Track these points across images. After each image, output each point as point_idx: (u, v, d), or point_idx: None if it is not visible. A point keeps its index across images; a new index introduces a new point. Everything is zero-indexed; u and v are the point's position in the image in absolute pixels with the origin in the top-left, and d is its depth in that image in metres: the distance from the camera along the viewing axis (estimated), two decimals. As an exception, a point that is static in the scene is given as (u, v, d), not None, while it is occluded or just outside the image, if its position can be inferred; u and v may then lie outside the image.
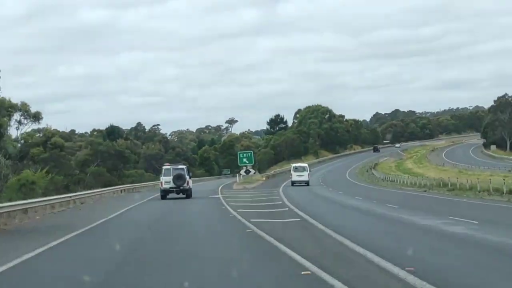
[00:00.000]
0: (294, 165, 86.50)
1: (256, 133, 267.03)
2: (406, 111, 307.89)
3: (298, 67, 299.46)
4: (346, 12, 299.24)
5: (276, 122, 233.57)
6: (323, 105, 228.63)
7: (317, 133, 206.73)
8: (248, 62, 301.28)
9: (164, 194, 50.03)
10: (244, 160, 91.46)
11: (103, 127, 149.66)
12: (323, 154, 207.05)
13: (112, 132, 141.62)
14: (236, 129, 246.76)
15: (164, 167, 52.24)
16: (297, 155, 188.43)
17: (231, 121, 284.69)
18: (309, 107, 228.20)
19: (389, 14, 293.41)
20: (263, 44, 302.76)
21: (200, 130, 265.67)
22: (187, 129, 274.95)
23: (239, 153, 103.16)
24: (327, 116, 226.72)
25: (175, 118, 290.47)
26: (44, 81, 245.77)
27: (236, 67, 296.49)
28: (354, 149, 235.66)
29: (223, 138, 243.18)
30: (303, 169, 79.76)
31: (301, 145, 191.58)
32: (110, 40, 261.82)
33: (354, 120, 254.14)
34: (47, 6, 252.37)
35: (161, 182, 50.80)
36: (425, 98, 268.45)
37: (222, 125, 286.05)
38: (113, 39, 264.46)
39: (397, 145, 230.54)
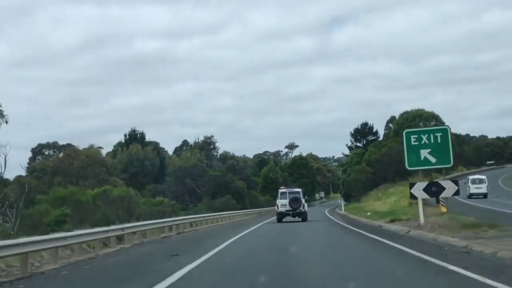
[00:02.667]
0: (471, 177, 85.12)
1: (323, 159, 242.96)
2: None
3: (353, 95, 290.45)
4: (402, 39, 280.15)
5: (363, 133, 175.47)
6: (426, 109, 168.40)
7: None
8: (302, 91, 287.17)
9: (280, 217, 51.58)
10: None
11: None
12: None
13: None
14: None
15: (280, 190, 54.47)
16: (403, 174, 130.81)
17: (291, 146, 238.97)
18: (407, 112, 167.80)
19: (445, 40, 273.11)
20: (318, 72, 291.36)
21: (257, 156, 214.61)
22: (244, 154, 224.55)
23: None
24: (432, 123, 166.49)
25: (230, 148, 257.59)
26: (99, 112, 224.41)
27: (291, 96, 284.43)
28: (461, 170, 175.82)
29: (290, 157, 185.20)
30: (481, 181, 79.51)
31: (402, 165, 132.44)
32: (164, 70, 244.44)
33: (455, 135, 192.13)
34: (101, 37, 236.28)
35: (277, 205, 52.63)
36: (484, 125, 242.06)
37: (281, 150, 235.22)
38: (167, 69, 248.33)
39: None
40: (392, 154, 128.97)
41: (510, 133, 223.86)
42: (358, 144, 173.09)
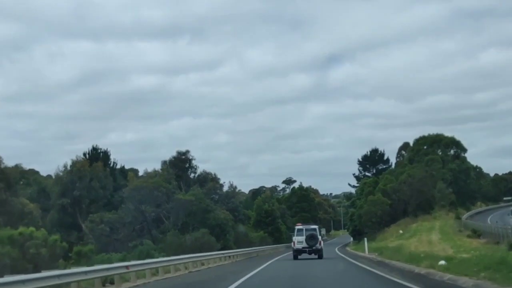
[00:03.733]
0: None
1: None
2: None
3: (349, 133, 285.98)
4: (398, 78, 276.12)
5: (373, 160, 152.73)
6: (445, 134, 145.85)
7: (444, 175, 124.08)
8: (299, 128, 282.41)
9: (297, 254, 51.63)
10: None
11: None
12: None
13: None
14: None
15: (296, 227, 54.50)
16: (425, 207, 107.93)
17: (289, 181, 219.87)
18: (424, 137, 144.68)
19: (441, 79, 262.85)
20: (314, 110, 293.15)
21: (253, 191, 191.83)
22: (239, 189, 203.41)
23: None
24: (452, 151, 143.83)
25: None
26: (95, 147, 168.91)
27: (287, 133, 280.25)
28: (480, 206, 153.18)
29: (288, 192, 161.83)
30: None
31: (431, 190, 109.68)
32: (160, 106, 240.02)
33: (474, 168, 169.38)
34: (97, 72, 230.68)
35: (294, 242, 52.57)
36: (482, 164, 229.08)
37: (278, 186, 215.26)
38: (164, 105, 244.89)
39: None
40: (413, 182, 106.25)
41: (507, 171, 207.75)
42: (367, 174, 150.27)
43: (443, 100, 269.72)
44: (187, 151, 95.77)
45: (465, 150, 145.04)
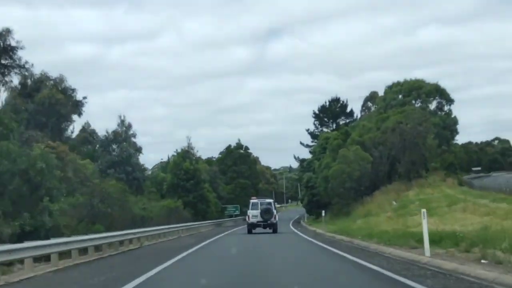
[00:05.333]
0: None
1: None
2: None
3: (287, 108, 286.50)
4: (338, 53, 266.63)
5: (333, 113, 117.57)
6: (427, 80, 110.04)
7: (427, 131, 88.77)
8: (238, 102, 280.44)
9: (251, 228, 50.71)
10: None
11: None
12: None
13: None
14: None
15: (251, 201, 53.24)
16: (419, 169, 74.04)
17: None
18: (399, 84, 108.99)
19: (381, 56, 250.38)
20: (253, 84, 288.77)
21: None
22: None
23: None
24: (434, 100, 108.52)
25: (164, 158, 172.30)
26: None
27: (226, 108, 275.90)
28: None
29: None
30: None
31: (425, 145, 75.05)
32: (95, 77, 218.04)
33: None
34: (30, 40, 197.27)
35: (248, 216, 51.66)
36: None
37: (214, 157, 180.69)
38: (99, 75, 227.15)
39: None
40: (406, 131, 71.64)
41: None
42: (326, 130, 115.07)
43: (382, 76, 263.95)
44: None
45: (451, 101, 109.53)
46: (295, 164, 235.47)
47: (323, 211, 57.54)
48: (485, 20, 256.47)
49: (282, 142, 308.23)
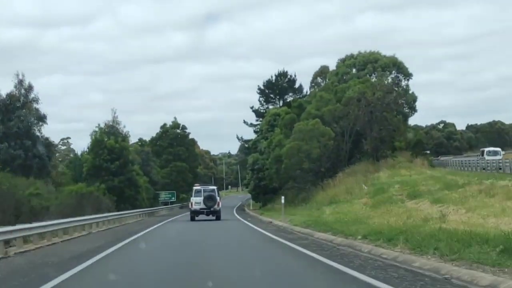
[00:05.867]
0: (487, 149, 72.44)
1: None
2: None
3: (226, 94, 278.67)
4: (275, 39, 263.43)
5: (280, 88, 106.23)
6: (382, 53, 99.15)
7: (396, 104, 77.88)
8: (174, 88, 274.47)
9: (194, 215, 50.35)
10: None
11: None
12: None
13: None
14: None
15: (194, 188, 52.67)
16: (387, 147, 63.38)
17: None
18: (353, 57, 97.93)
19: (319, 42, 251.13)
20: (191, 70, 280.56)
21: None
22: None
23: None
24: (390, 77, 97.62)
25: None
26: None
27: (163, 94, 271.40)
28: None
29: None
30: (496, 153, 68.86)
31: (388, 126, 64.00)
32: (28, 61, 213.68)
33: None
34: None
35: (191, 203, 51.19)
36: None
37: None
38: (33, 61, 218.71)
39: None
40: (372, 103, 60.49)
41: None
42: (272, 107, 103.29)
43: (320, 63, 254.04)
44: None
45: (409, 75, 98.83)
46: (234, 150, 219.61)
47: (283, 197, 45.74)
48: (421, 7, 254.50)
49: (220, 128, 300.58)
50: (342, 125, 60.87)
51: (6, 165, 50.95)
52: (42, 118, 60.65)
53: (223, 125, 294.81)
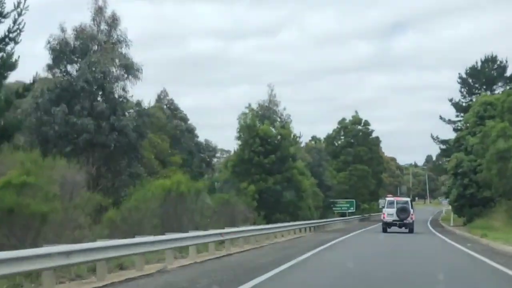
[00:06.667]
0: None
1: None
2: None
3: (411, 105, 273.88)
4: (464, 48, 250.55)
5: (487, 76, 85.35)
6: None
7: None
8: (359, 98, 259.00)
9: (386, 226, 49.39)
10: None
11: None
12: None
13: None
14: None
15: (387, 199, 52.35)
16: None
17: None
18: None
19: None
20: (375, 80, 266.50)
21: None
22: None
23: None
24: None
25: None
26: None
27: (347, 104, 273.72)
28: None
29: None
30: None
31: None
32: (218, 72, 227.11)
33: None
34: (154, 35, 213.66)
35: (383, 214, 50.27)
36: None
37: None
38: (221, 71, 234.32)
39: None
40: None
41: None
42: (473, 99, 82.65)
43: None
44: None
45: None
46: (420, 161, 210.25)
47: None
48: None
49: (405, 139, 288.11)
50: None
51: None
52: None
53: (407, 136, 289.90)
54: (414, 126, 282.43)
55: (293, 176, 48.17)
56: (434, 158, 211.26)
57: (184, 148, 55.33)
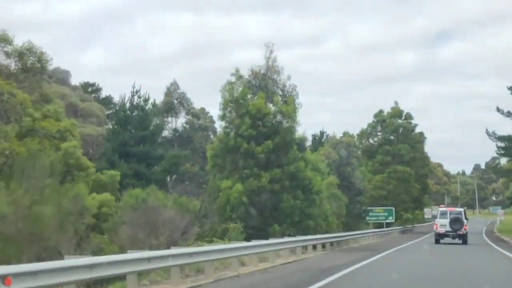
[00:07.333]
0: None
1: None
2: None
3: (457, 115, 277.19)
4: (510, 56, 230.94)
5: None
6: None
7: None
8: (404, 108, 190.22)
9: (439, 238, 49.06)
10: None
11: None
12: None
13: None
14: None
15: (440, 209, 52.39)
16: None
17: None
18: None
19: None
20: (420, 89, 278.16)
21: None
22: None
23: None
24: None
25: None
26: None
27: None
28: None
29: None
30: None
31: None
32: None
33: None
34: (198, 46, 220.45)
35: (436, 225, 50.02)
36: None
37: None
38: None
39: None
40: None
41: None
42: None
43: None
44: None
45: None
46: (468, 169, 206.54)
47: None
48: None
49: (451, 149, 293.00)
50: None
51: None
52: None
53: (454, 146, 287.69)
54: (460, 135, 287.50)
55: (300, 171, 34.46)
56: (483, 166, 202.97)
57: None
